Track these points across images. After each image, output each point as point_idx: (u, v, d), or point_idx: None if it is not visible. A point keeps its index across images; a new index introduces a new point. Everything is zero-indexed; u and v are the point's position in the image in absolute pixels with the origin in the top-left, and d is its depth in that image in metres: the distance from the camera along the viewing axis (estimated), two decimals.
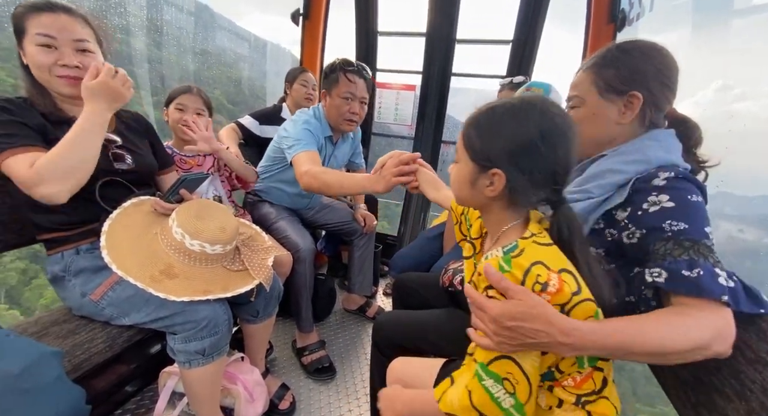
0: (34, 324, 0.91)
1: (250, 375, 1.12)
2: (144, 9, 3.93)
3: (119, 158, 0.97)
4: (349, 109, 1.39)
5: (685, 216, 0.60)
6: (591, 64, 0.75)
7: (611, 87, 0.72)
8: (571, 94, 0.78)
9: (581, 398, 0.56)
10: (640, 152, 0.71)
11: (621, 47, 0.72)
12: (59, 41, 0.83)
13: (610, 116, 0.73)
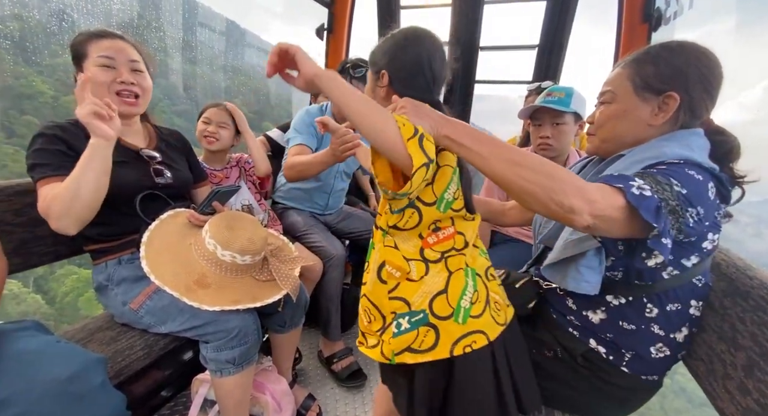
0: (81, 330, 0.97)
1: (278, 385, 1.13)
2: (180, 31, 4.21)
3: (159, 173, 1.03)
4: None
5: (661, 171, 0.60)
6: (630, 60, 0.72)
7: (648, 85, 0.68)
8: (604, 89, 0.75)
9: (444, 254, 0.63)
10: (654, 150, 0.68)
11: (666, 45, 0.69)
12: (117, 62, 0.92)
13: (642, 115, 0.69)
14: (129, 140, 1.00)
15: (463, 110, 2.25)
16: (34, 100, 4.01)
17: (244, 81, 6.09)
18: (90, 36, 0.92)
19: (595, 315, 0.75)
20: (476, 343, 0.61)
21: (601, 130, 0.76)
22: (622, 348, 0.73)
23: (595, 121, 0.77)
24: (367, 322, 0.62)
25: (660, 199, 0.55)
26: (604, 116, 0.75)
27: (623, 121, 0.72)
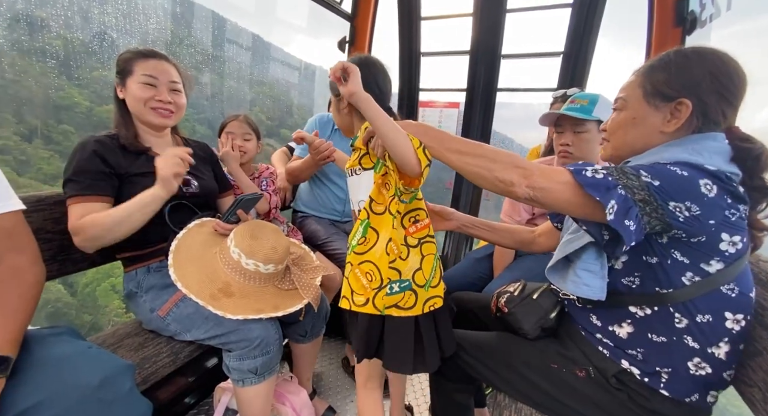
0: (111, 335, 1.00)
1: (298, 396, 1.12)
2: (210, 47, 4.49)
3: (186, 183, 1.06)
4: None
5: (641, 166, 0.61)
6: (645, 67, 0.71)
7: (658, 91, 0.68)
8: (617, 96, 0.75)
9: (420, 240, 0.82)
10: (654, 155, 0.67)
11: (680, 52, 0.68)
12: (159, 81, 0.98)
13: (654, 122, 0.69)
14: (159, 151, 1.03)
15: (484, 118, 2.22)
16: (70, 111, 4.44)
17: (267, 93, 6.46)
18: (137, 54, 0.98)
19: (621, 328, 0.72)
20: (436, 304, 0.83)
21: (613, 137, 0.76)
22: (657, 365, 0.68)
23: (608, 128, 0.77)
24: (367, 282, 0.79)
25: (617, 183, 0.59)
26: (615, 123, 0.75)
27: (634, 128, 0.71)
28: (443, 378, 0.92)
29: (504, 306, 0.89)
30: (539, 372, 0.78)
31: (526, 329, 0.83)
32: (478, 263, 1.46)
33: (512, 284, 0.97)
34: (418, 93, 2.47)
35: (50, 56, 3.75)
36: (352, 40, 2.43)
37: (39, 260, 0.74)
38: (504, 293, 0.93)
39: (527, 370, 0.79)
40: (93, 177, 0.90)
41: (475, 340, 0.90)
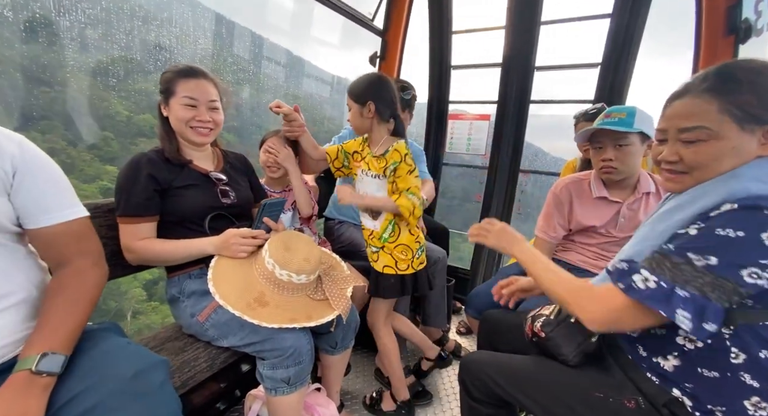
0: (153, 338, 1.05)
1: (327, 409, 1.11)
2: (251, 64, 4.78)
3: (225, 194, 1.10)
4: None
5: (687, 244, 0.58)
6: (708, 88, 0.63)
7: (752, 116, 0.61)
8: (689, 126, 0.65)
9: None
10: (720, 188, 0.62)
11: (748, 69, 0.62)
12: (199, 101, 1.03)
13: (751, 148, 0.63)
14: (200, 164, 1.10)
15: (517, 131, 2.18)
16: (112, 119, 4.89)
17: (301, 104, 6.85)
18: (179, 74, 1.03)
19: (666, 361, 0.68)
20: (422, 264, 1.28)
21: (704, 171, 0.66)
22: (709, 403, 0.62)
23: (691, 161, 0.67)
24: (404, 256, 1.23)
25: (672, 285, 0.57)
26: (707, 156, 0.65)
27: (732, 158, 0.64)
28: (476, 402, 0.89)
29: (540, 331, 0.85)
30: (583, 402, 0.73)
31: (566, 354, 0.79)
32: None
33: (547, 307, 0.93)
34: (447, 106, 2.48)
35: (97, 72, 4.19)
36: (383, 54, 2.49)
37: (102, 262, 0.78)
38: (539, 316, 0.89)
39: (569, 399, 0.75)
40: (144, 197, 0.96)
41: (510, 365, 0.87)
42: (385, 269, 1.23)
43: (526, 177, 2.28)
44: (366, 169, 1.23)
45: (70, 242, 0.73)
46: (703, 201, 0.63)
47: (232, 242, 0.98)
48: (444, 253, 1.71)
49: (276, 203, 1.12)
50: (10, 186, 0.66)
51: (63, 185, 0.74)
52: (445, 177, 2.66)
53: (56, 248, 0.72)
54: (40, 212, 0.69)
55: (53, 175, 0.73)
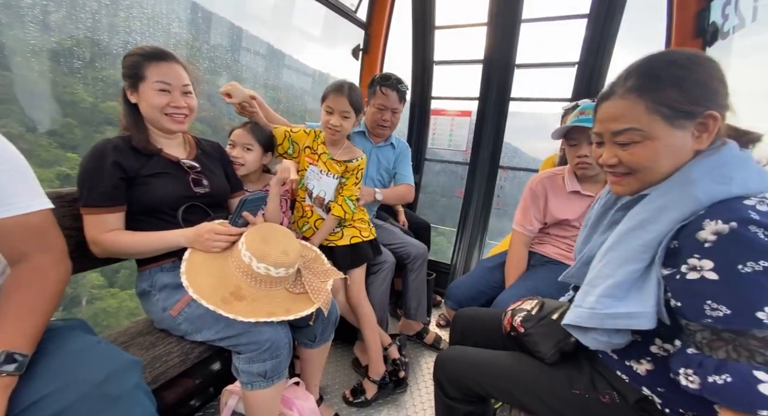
0: (123, 333, 1.00)
1: (306, 402, 1.10)
2: (229, 52, 4.65)
3: (198, 183, 1.06)
4: (381, 116, 1.62)
5: (730, 296, 0.49)
6: (633, 87, 0.62)
7: (679, 111, 0.59)
8: (621, 128, 0.63)
9: None
10: (682, 195, 0.58)
11: (671, 61, 0.60)
12: (172, 86, 0.97)
13: (685, 143, 0.61)
14: (170, 152, 1.04)
15: (497, 128, 2.21)
16: (75, 106, 4.57)
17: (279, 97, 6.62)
18: (147, 57, 0.95)
19: (639, 364, 0.67)
20: None
21: (645, 173, 0.64)
22: (680, 407, 0.63)
23: (629, 163, 0.65)
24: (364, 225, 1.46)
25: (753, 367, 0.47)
26: (643, 158, 0.63)
27: (668, 157, 0.62)
28: (452, 400, 0.89)
29: (520, 326, 0.85)
30: (560, 399, 0.75)
31: (544, 352, 0.80)
32: (490, 273, 1.43)
33: (528, 302, 0.93)
34: (430, 101, 2.49)
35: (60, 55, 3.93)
36: (366, 47, 2.46)
37: (65, 258, 0.73)
38: (519, 310, 0.90)
39: (547, 396, 0.76)
40: (110, 186, 0.90)
41: (487, 361, 0.86)
42: (353, 239, 1.40)
43: (505, 173, 2.32)
44: (325, 170, 1.35)
45: (28, 237, 0.67)
46: (669, 214, 0.59)
47: (206, 237, 0.94)
48: (425, 248, 1.73)
49: (256, 199, 1.07)
50: None
51: (23, 174, 0.69)
52: (426, 173, 2.67)
53: (12, 243, 0.66)
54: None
55: (13, 163, 0.67)
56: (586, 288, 0.69)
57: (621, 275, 0.62)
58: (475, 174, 2.30)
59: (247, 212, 1.02)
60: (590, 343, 0.67)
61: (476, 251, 2.34)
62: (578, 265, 0.80)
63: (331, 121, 1.26)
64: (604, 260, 0.67)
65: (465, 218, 2.34)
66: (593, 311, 0.64)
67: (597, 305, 0.64)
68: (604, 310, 0.63)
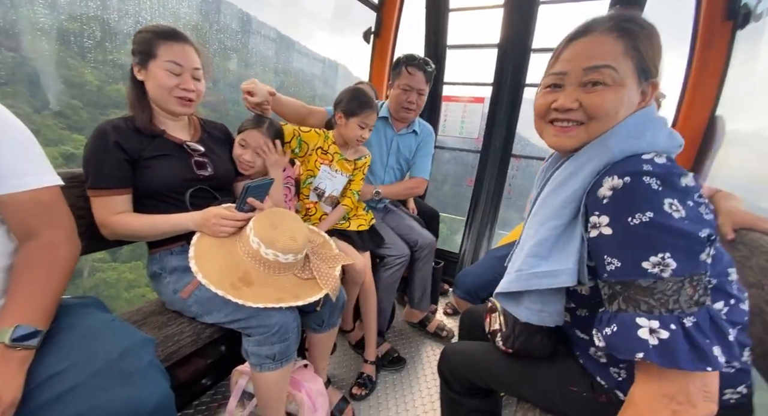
0: (136, 312, 1.02)
1: (314, 384, 1.13)
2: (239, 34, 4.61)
3: (201, 166, 1.05)
4: (407, 98, 1.55)
5: (620, 249, 0.51)
6: (614, 26, 0.58)
7: (645, 68, 0.58)
8: (597, 63, 0.58)
9: None
10: (600, 148, 0.58)
11: (645, 21, 0.59)
12: (183, 68, 0.96)
13: (634, 103, 0.60)
14: (174, 133, 1.03)
15: (511, 115, 2.16)
16: (82, 89, 4.68)
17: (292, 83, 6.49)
18: (160, 35, 0.93)
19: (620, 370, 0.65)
20: None
21: (599, 122, 0.59)
22: None
23: (591, 107, 0.59)
24: (366, 213, 1.55)
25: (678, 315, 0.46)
26: (608, 103, 0.58)
27: (623, 110, 0.58)
28: (458, 394, 0.88)
29: (507, 349, 0.79)
30: (563, 395, 0.73)
31: (540, 353, 0.76)
32: (499, 262, 1.41)
33: (493, 315, 0.86)
34: (442, 87, 2.43)
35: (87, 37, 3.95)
36: (377, 31, 2.40)
37: (74, 236, 0.74)
38: (494, 334, 0.83)
39: (549, 391, 0.75)
40: (113, 167, 0.91)
41: (489, 353, 0.84)
42: (360, 227, 1.48)
43: (517, 162, 2.27)
44: (339, 169, 1.40)
45: (38, 212, 0.68)
46: (588, 167, 0.58)
47: (213, 222, 0.94)
48: (433, 238, 1.71)
49: (261, 185, 1.03)
50: None
51: (34, 151, 0.70)
52: (437, 161, 2.63)
53: (24, 218, 0.67)
54: (5, 177, 0.64)
55: (22, 139, 0.68)
56: (515, 256, 0.69)
57: (543, 231, 0.62)
58: (486, 162, 2.25)
59: (253, 198, 1.01)
60: (525, 314, 0.65)
61: (485, 240, 2.32)
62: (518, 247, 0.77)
63: (364, 134, 1.35)
64: (530, 223, 0.67)
65: (475, 207, 2.32)
66: (519, 272, 0.64)
67: (523, 266, 0.63)
68: (528, 270, 0.62)
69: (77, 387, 0.58)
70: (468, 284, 1.39)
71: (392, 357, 1.54)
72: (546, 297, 0.63)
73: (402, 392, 1.41)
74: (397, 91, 1.56)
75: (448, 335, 1.79)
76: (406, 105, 1.56)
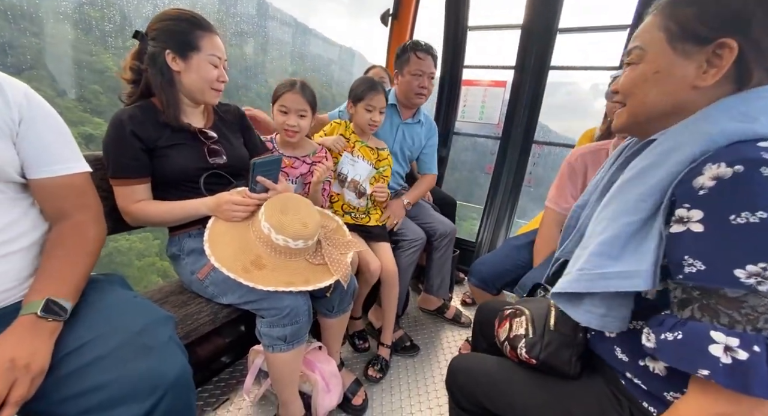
0: (158, 291, 1.07)
1: (327, 366, 1.15)
2: (255, 18, 4.64)
3: (214, 153, 1.04)
4: (419, 83, 1.55)
5: (710, 250, 0.43)
6: (664, 3, 0.53)
7: (688, 32, 0.50)
8: (631, 46, 0.57)
9: None
10: (694, 132, 0.48)
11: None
12: (220, 61, 0.99)
13: (684, 74, 0.51)
14: (193, 121, 1.04)
15: (534, 100, 2.07)
16: (102, 74, 4.95)
17: (309, 67, 6.53)
18: (198, 26, 0.94)
19: (656, 362, 0.55)
20: None
21: (631, 99, 0.58)
22: None
23: (621, 88, 0.59)
24: (382, 210, 1.55)
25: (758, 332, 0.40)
26: (630, 80, 0.57)
27: (657, 85, 0.53)
28: (466, 412, 0.79)
29: (530, 359, 0.69)
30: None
31: (566, 371, 0.67)
32: (517, 251, 1.38)
33: (516, 321, 0.76)
34: (461, 71, 2.35)
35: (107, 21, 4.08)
36: (396, 13, 2.34)
37: (101, 219, 0.79)
38: (517, 339, 0.73)
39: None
40: (131, 157, 0.93)
41: (502, 371, 0.75)
42: (380, 222, 1.51)
43: (539, 149, 2.19)
44: (361, 155, 1.44)
45: (70, 196, 0.73)
46: (675, 156, 0.49)
47: (225, 208, 0.96)
48: (454, 227, 1.70)
49: (269, 161, 0.98)
50: (15, 135, 0.66)
51: (66, 138, 0.74)
52: (456, 146, 2.57)
53: (57, 201, 0.72)
54: (43, 162, 0.69)
55: (57, 127, 0.73)
56: (577, 253, 0.61)
57: (614, 228, 0.53)
58: (506, 149, 2.19)
59: (263, 176, 0.98)
60: (584, 318, 0.57)
61: (503, 229, 2.28)
62: (577, 237, 0.69)
63: (374, 117, 1.39)
64: (598, 218, 0.59)
65: (493, 195, 2.26)
66: (582, 272, 0.56)
67: (586, 266, 0.55)
68: (594, 270, 0.54)
69: (102, 358, 0.61)
70: (484, 272, 1.37)
71: (405, 344, 1.55)
72: (611, 301, 0.55)
73: (414, 377, 1.42)
74: (408, 78, 1.56)
75: (467, 321, 1.80)
76: (418, 91, 1.56)
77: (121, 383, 0.59)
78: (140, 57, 0.96)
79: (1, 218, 0.65)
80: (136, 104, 0.98)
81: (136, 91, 1.00)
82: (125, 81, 1.00)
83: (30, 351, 0.56)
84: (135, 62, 0.97)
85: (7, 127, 0.65)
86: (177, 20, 0.93)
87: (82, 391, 0.58)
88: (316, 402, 1.10)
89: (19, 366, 0.54)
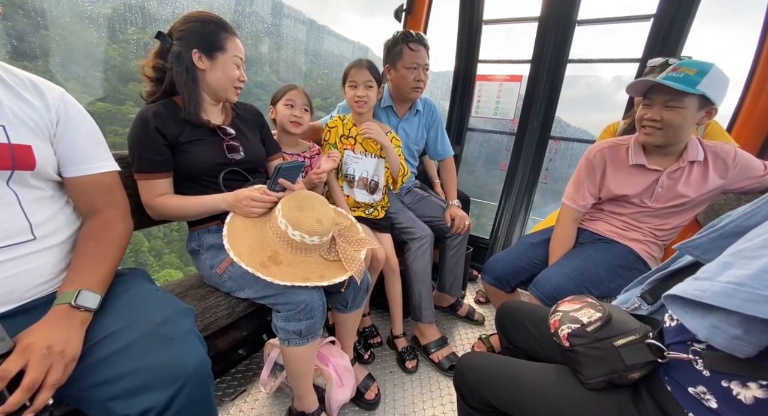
0: (178, 285, 1.11)
1: (341, 360, 1.17)
2: (271, 16, 4.69)
3: (232, 149, 1.08)
4: (415, 77, 1.47)
5: None
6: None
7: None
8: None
9: None
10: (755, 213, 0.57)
11: None
12: (241, 61, 1.05)
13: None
14: (211, 118, 1.07)
15: (551, 94, 2.02)
16: (106, 64, 5.16)
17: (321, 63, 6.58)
18: (224, 29, 1.00)
19: (747, 389, 0.49)
20: None
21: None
22: None
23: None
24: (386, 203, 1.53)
25: None
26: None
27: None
28: (476, 410, 0.78)
29: (566, 339, 0.67)
30: None
31: (588, 377, 0.64)
32: (532, 249, 1.36)
33: (587, 309, 0.70)
34: (476, 66, 2.32)
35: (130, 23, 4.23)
36: (409, 8, 2.31)
37: (128, 216, 0.83)
38: (572, 320, 0.69)
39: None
40: (154, 153, 0.96)
41: (513, 372, 0.74)
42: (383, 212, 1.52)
43: (556, 144, 2.14)
44: (364, 150, 1.41)
45: (101, 193, 0.78)
46: None
47: (244, 203, 0.98)
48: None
49: (292, 166, 1.04)
50: (53, 135, 0.71)
51: (98, 139, 0.79)
52: (470, 143, 2.54)
53: (89, 198, 0.77)
54: (78, 161, 0.74)
55: (91, 128, 0.78)
56: (730, 259, 0.51)
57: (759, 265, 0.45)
58: (522, 145, 2.15)
59: (284, 179, 1.03)
60: (706, 333, 0.49)
61: (518, 226, 2.24)
62: (714, 236, 0.60)
63: (358, 92, 1.33)
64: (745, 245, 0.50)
65: (508, 191, 2.23)
66: (741, 288, 0.46)
67: (752, 282, 0.45)
68: (760, 291, 0.44)
69: (128, 347, 0.64)
70: (498, 270, 1.36)
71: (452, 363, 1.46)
72: (755, 325, 0.46)
73: (427, 373, 1.43)
74: (403, 72, 1.47)
75: (480, 319, 1.79)
76: (414, 85, 1.48)
77: (145, 372, 0.62)
78: (163, 56, 0.99)
79: (41, 214, 0.69)
80: (160, 101, 1.02)
81: (158, 89, 1.03)
82: (147, 79, 1.03)
83: (64, 338, 0.60)
84: (158, 60, 1.00)
85: (46, 128, 0.69)
86: (205, 22, 0.98)
87: (109, 378, 0.61)
88: (330, 396, 1.12)
89: (55, 352, 0.58)
